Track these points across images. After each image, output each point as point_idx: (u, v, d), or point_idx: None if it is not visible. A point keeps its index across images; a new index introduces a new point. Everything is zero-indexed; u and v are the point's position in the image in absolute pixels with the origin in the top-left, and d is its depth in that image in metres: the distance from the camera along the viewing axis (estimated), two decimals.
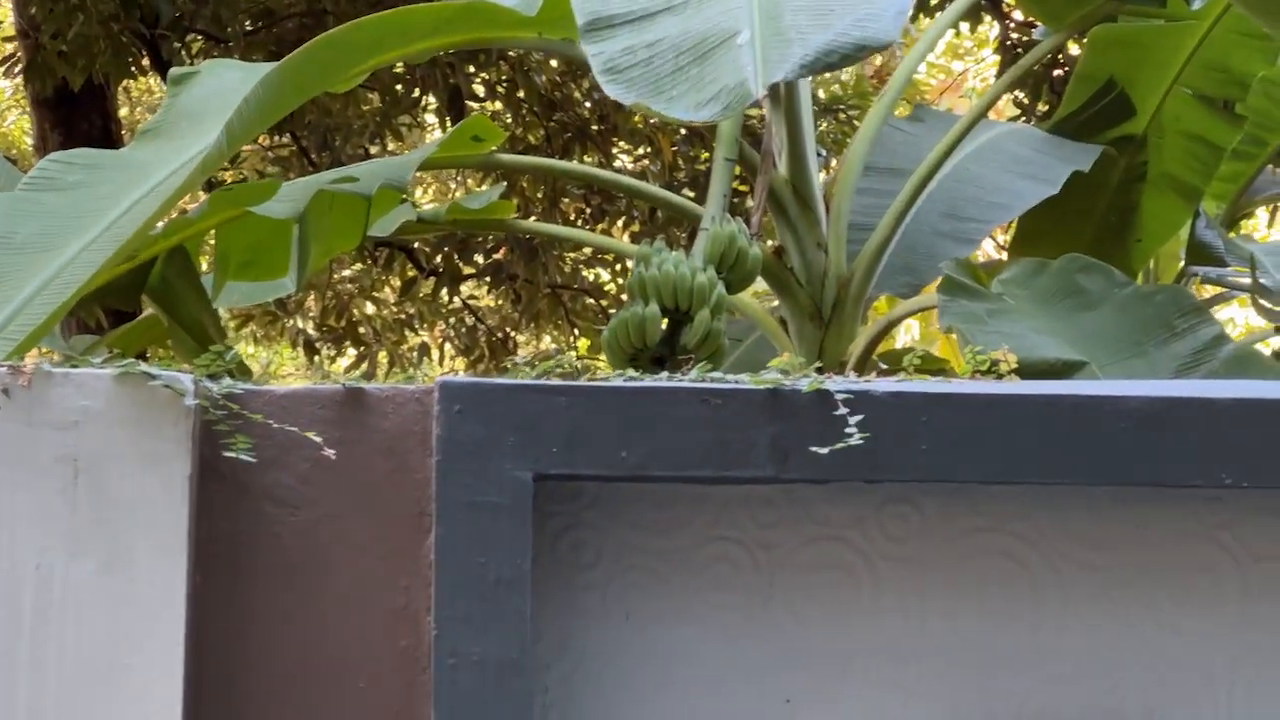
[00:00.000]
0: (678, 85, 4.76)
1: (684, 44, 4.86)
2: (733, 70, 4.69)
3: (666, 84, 4.78)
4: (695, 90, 4.72)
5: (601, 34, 4.97)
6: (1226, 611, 3.11)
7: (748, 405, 2.93)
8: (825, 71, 5.17)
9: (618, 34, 4.95)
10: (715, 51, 4.79)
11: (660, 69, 4.82)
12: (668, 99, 4.74)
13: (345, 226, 6.12)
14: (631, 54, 4.88)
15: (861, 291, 6.35)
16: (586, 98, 12.20)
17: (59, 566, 2.83)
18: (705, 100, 4.68)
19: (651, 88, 4.78)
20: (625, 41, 4.92)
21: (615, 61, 4.87)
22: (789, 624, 3.08)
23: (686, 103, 4.72)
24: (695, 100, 4.70)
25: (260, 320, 13.64)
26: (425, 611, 2.93)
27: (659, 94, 4.76)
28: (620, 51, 4.89)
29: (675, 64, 4.81)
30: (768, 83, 4.63)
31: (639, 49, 4.88)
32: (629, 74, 4.84)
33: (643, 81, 4.81)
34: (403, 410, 2.99)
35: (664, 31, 4.92)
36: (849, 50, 4.76)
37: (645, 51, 4.87)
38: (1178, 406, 2.98)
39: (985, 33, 14.37)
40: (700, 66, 4.78)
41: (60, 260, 4.36)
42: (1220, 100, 7.88)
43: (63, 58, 10.39)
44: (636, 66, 4.84)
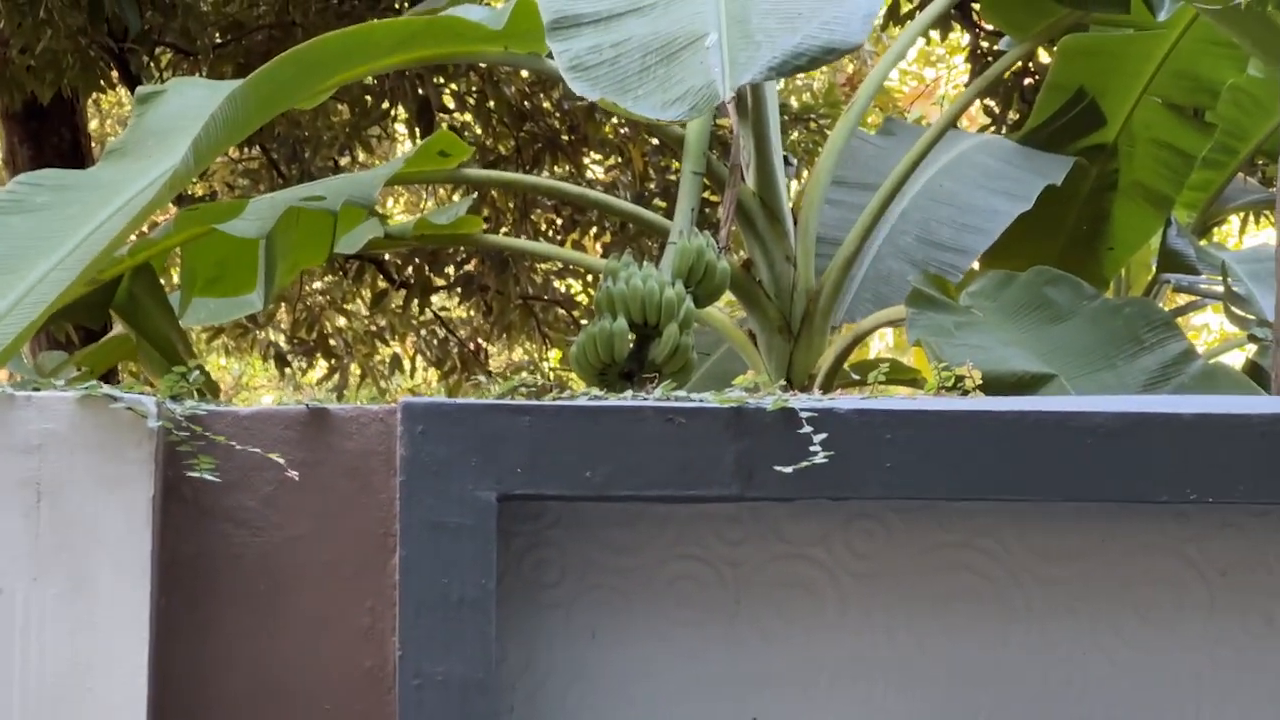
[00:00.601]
0: (644, 84, 4.76)
1: (651, 44, 4.86)
2: (700, 71, 4.69)
3: (633, 82, 4.78)
4: (662, 90, 4.72)
5: (567, 32, 4.97)
6: (1192, 626, 3.12)
7: (712, 424, 2.93)
8: (793, 74, 5.18)
9: (583, 33, 4.96)
10: (682, 53, 4.80)
11: (627, 68, 4.82)
12: (634, 97, 4.75)
13: (312, 242, 6.11)
14: (598, 52, 4.88)
15: (830, 305, 6.35)
16: (556, 108, 12.19)
17: (21, 591, 2.82)
18: (672, 100, 4.69)
19: (617, 85, 4.79)
20: (591, 40, 4.92)
21: (581, 59, 4.87)
22: (755, 641, 3.08)
23: (653, 101, 4.72)
24: (662, 99, 4.70)
25: (231, 333, 13.61)
26: (390, 632, 2.92)
27: (625, 91, 4.77)
28: (586, 50, 4.90)
29: (642, 63, 4.82)
30: (735, 84, 4.64)
31: (605, 48, 4.89)
32: (595, 71, 4.84)
33: (608, 79, 4.81)
34: (366, 430, 2.98)
35: (631, 32, 4.93)
36: (817, 53, 4.77)
37: (611, 50, 4.88)
38: (1143, 422, 2.98)
39: (957, 40, 14.39)
40: (667, 67, 4.78)
41: (28, 281, 4.35)
42: (1190, 108, 7.90)
43: (31, 72, 10.35)
44: (603, 65, 4.84)
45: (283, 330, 14.36)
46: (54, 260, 4.42)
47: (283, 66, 5.14)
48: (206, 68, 10.90)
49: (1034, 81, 11.45)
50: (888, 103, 15.78)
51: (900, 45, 7.33)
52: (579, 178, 12.40)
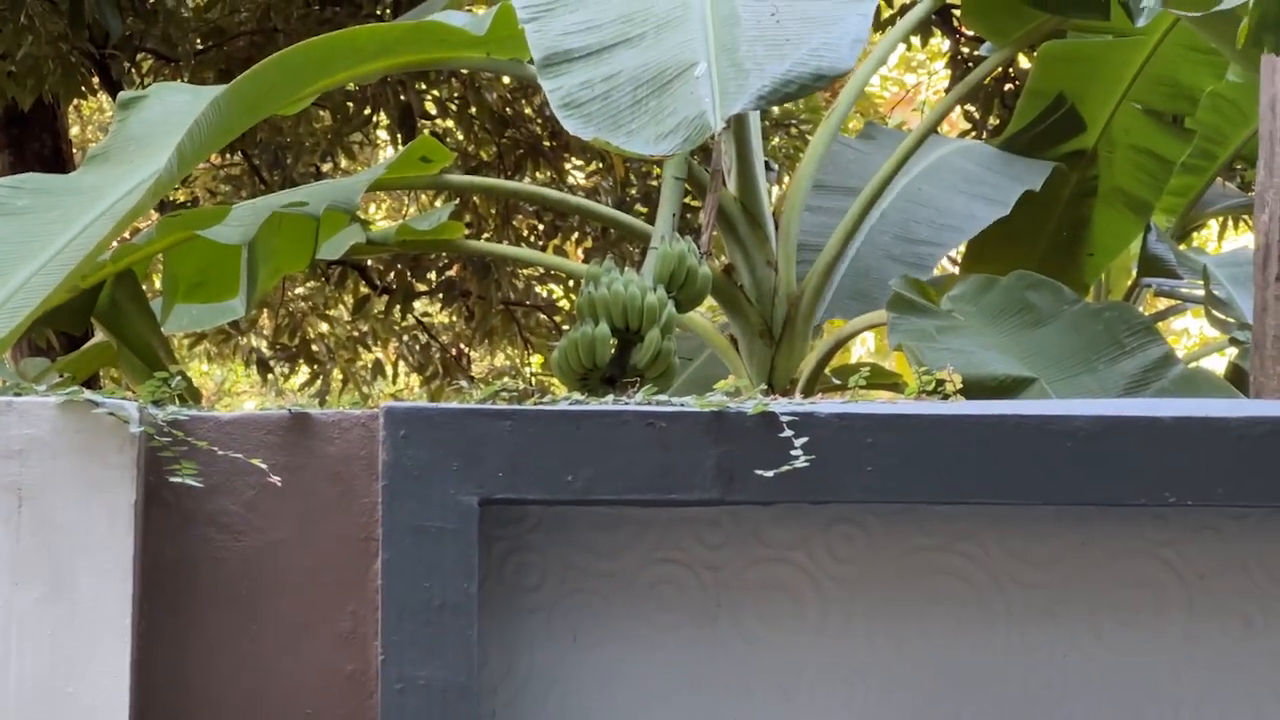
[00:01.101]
0: (637, 118, 4.75)
1: (642, 77, 4.86)
2: (691, 102, 4.69)
3: (625, 117, 4.77)
4: (654, 123, 4.72)
5: (559, 69, 4.96)
6: (1171, 628, 3.13)
7: (693, 428, 2.94)
8: (783, 102, 5.19)
9: (574, 68, 4.95)
10: (673, 84, 4.79)
11: (619, 102, 4.81)
12: (627, 132, 4.74)
13: (294, 248, 6.11)
14: (589, 88, 4.87)
15: (811, 309, 6.36)
16: (538, 114, 12.20)
17: (2, 595, 2.82)
18: (665, 133, 4.68)
19: (610, 121, 4.78)
20: (582, 76, 4.91)
21: (573, 96, 4.86)
22: (736, 644, 3.09)
23: (646, 135, 4.72)
24: (655, 133, 4.70)
25: (213, 339, 13.60)
26: (372, 636, 2.93)
27: (618, 128, 4.76)
28: (578, 86, 4.89)
29: (634, 97, 4.81)
30: (726, 114, 4.64)
31: (596, 83, 4.88)
32: (587, 108, 4.83)
33: (601, 116, 4.80)
34: (348, 435, 2.99)
35: (621, 65, 4.92)
36: (807, 80, 4.78)
37: (603, 85, 4.87)
38: (1121, 426, 3.00)
39: (937, 46, 14.41)
40: (659, 99, 4.78)
41: (9, 286, 4.35)
42: (1169, 115, 7.92)
43: (12, 78, 10.34)
44: (595, 101, 4.83)
45: (265, 336, 14.36)
46: (35, 265, 4.41)
47: (266, 72, 5.14)
48: (188, 74, 10.90)
49: (1014, 87, 11.49)
50: (868, 108, 15.81)
51: (881, 51, 7.33)
52: (560, 183, 12.40)
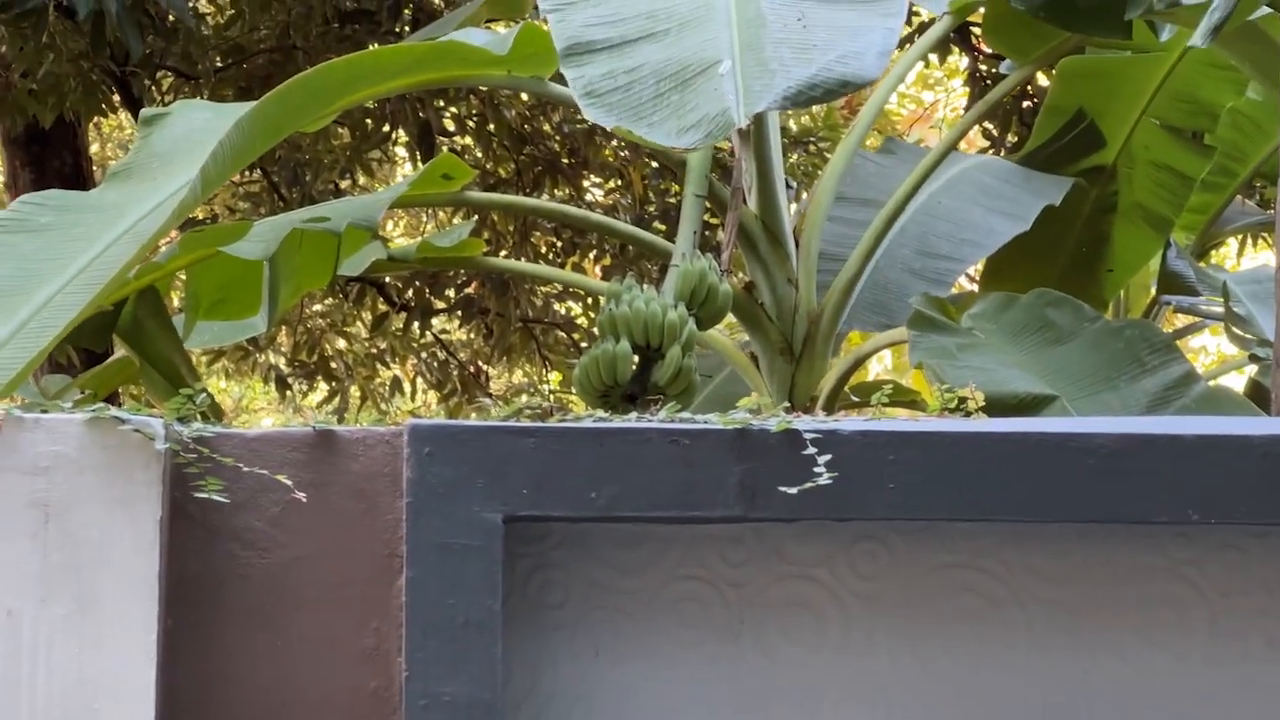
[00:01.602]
0: (659, 111, 4.76)
1: (665, 71, 4.87)
2: (714, 99, 4.70)
3: (647, 109, 4.78)
4: (676, 117, 4.73)
5: (581, 59, 4.97)
6: (1193, 647, 3.13)
7: (716, 445, 2.95)
8: (807, 105, 5.20)
9: (597, 59, 4.96)
10: (696, 80, 4.80)
11: (640, 95, 4.82)
12: (649, 124, 4.75)
13: (315, 265, 6.13)
14: (611, 79, 4.88)
15: (832, 326, 6.36)
16: (557, 131, 12.22)
17: (29, 612, 2.83)
18: (686, 127, 4.69)
19: (632, 112, 4.79)
20: (605, 66, 4.92)
21: (595, 86, 4.88)
22: (759, 662, 3.10)
23: (668, 128, 4.73)
24: (676, 126, 4.71)
25: (232, 355, 13.63)
26: (396, 653, 2.93)
27: (640, 119, 4.77)
28: (600, 76, 4.90)
29: (656, 90, 4.82)
30: (750, 112, 4.64)
31: (619, 74, 4.89)
32: (609, 98, 4.84)
33: (623, 106, 4.81)
34: (373, 452, 3.00)
35: (645, 58, 4.93)
36: (833, 85, 4.78)
37: (625, 77, 4.88)
38: (1144, 443, 3.00)
39: (955, 63, 14.42)
40: (681, 94, 4.78)
41: (33, 304, 4.35)
42: (1189, 131, 7.92)
43: (33, 96, 10.38)
44: (616, 91, 4.85)
45: (283, 353, 14.38)
46: (59, 283, 4.42)
47: (290, 92, 5.15)
48: (208, 91, 10.92)
49: (1032, 104, 11.48)
50: (886, 126, 15.80)
51: (900, 68, 7.34)
52: (579, 201, 12.42)
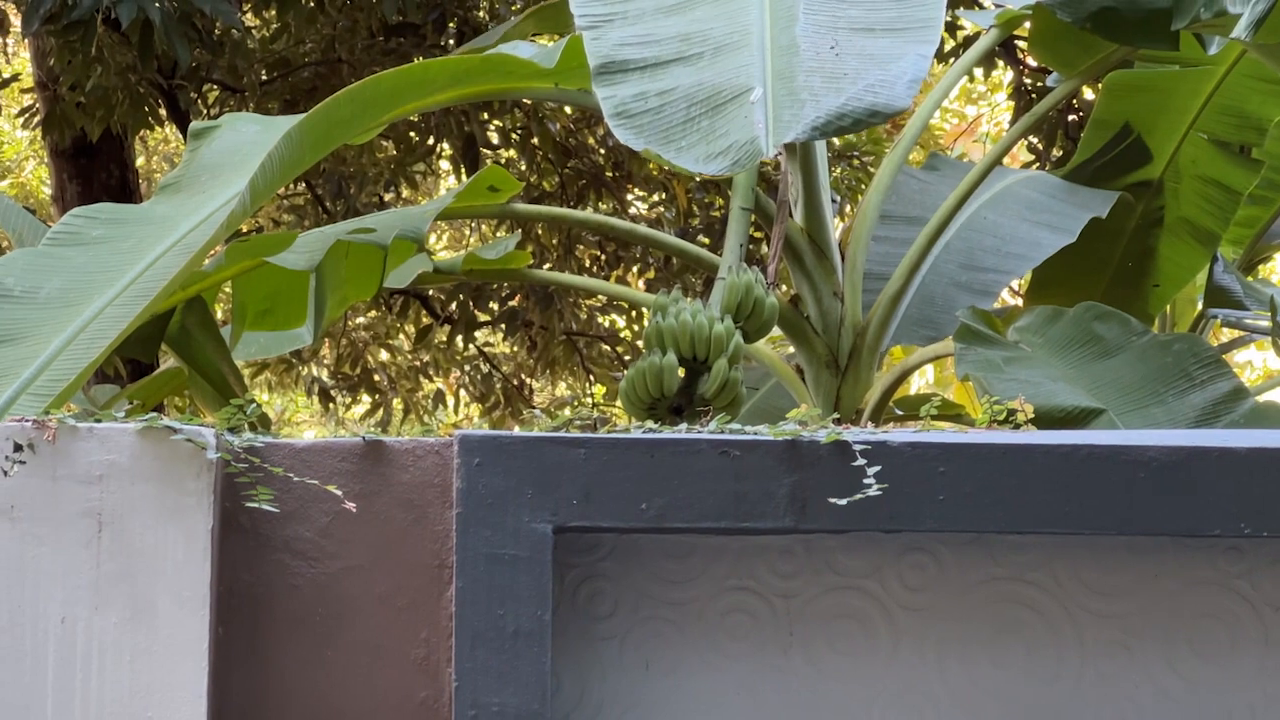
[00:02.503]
0: (688, 135, 4.77)
1: (696, 95, 4.87)
2: (744, 126, 4.69)
3: (677, 133, 4.79)
4: (706, 142, 4.73)
5: (614, 78, 4.98)
6: (1246, 661, 3.12)
7: (766, 456, 2.95)
8: (837, 135, 5.18)
9: (629, 79, 4.97)
10: (727, 105, 4.80)
11: (671, 118, 4.83)
12: (677, 148, 4.75)
13: (361, 276, 6.14)
14: (643, 100, 4.89)
15: (878, 340, 6.36)
16: (601, 144, 12.23)
17: (83, 620, 2.85)
18: (715, 153, 4.69)
19: (662, 135, 4.80)
20: (637, 87, 4.93)
21: (626, 106, 4.89)
22: (808, 673, 3.10)
23: (696, 154, 4.73)
24: (705, 152, 4.71)
25: (275, 368, 13.67)
26: (445, 663, 2.94)
27: (669, 142, 4.78)
28: (632, 96, 4.91)
29: (687, 114, 4.82)
30: (779, 142, 4.64)
31: (651, 96, 4.90)
32: (639, 120, 4.85)
33: (653, 129, 4.82)
34: (422, 463, 3.00)
35: (676, 81, 4.94)
36: (861, 115, 4.76)
37: (657, 99, 4.89)
38: (1196, 456, 2.99)
39: (999, 77, 14.40)
40: (712, 119, 4.79)
41: (85, 315, 4.39)
42: (1237, 145, 7.88)
43: (81, 109, 10.45)
44: (647, 114, 4.85)
45: (326, 365, 14.42)
46: (110, 295, 4.45)
47: (338, 105, 5.17)
48: (253, 104, 10.97)
49: (1078, 119, 11.47)
50: (929, 140, 15.79)
51: (946, 82, 7.32)
52: (623, 213, 12.43)
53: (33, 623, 2.84)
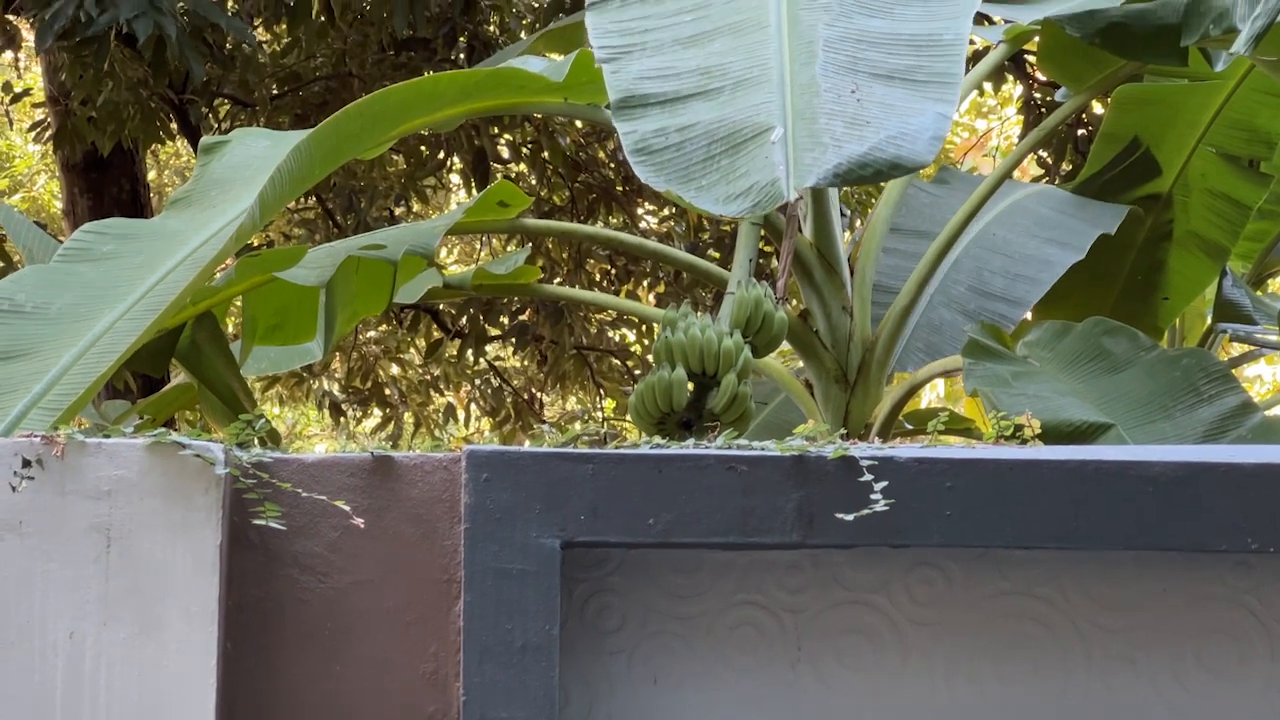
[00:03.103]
0: (708, 175, 4.75)
1: (717, 133, 4.84)
2: (765, 167, 4.67)
3: (697, 171, 4.77)
4: (725, 182, 4.71)
5: (635, 112, 4.97)
6: (1253, 676, 3.12)
7: (774, 472, 2.95)
8: (857, 184, 5.17)
9: (649, 114, 4.95)
10: (748, 145, 4.78)
11: (692, 155, 4.81)
12: (697, 188, 4.74)
13: (371, 291, 6.15)
14: (664, 136, 4.88)
15: (886, 354, 6.36)
16: (611, 159, 12.24)
17: (91, 635, 2.85)
18: (735, 194, 4.67)
19: (682, 174, 4.78)
20: (658, 123, 4.91)
21: (647, 142, 4.87)
22: (816, 688, 3.10)
23: (716, 194, 4.71)
24: (725, 193, 4.69)
25: (286, 382, 13.69)
26: (454, 678, 2.94)
27: (689, 181, 4.76)
28: (653, 132, 4.89)
29: (707, 152, 4.80)
30: (800, 185, 4.61)
31: (671, 132, 4.88)
32: (660, 156, 4.83)
33: (673, 167, 4.80)
34: (430, 478, 3.01)
35: (697, 117, 4.91)
36: (884, 166, 4.72)
37: (677, 135, 4.87)
38: (1204, 471, 2.99)
39: (1009, 91, 14.40)
40: (732, 158, 4.77)
41: (95, 330, 4.40)
42: (1246, 159, 7.88)
43: (92, 123, 10.47)
44: (668, 150, 4.84)
45: (337, 379, 14.43)
46: (121, 309, 4.47)
47: (348, 119, 5.18)
48: (264, 118, 10.99)
49: (1087, 132, 11.46)
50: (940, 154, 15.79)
51: None
52: (633, 228, 12.44)
53: (41, 638, 2.85)
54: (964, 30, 5.13)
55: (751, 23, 5.20)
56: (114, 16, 8.73)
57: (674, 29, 5.26)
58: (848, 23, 5.17)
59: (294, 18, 10.46)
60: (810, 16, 5.17)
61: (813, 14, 5.19)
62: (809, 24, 5.14)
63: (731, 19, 5.24)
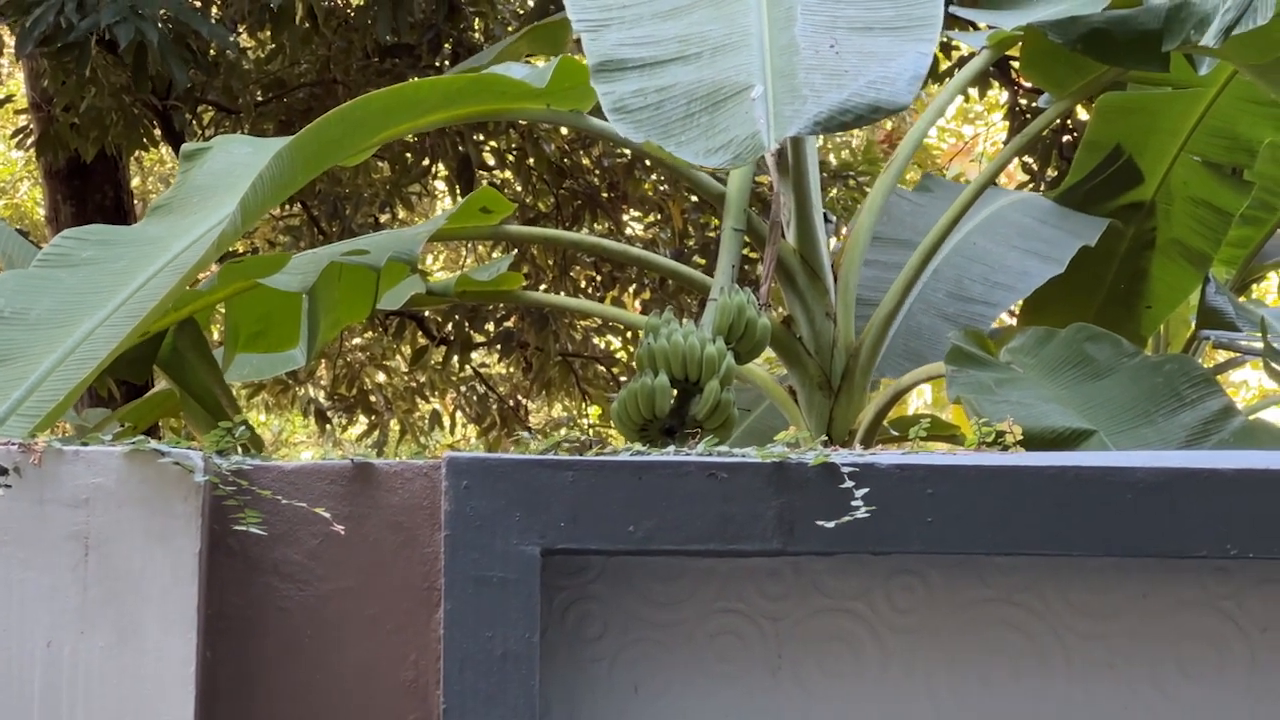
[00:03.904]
0: (688, 130, 4.77)
1: (696, 92, 4.87)
2: (745, 121, 4.70)
3: (677, 128, 4.79)
4: (705, 137, 4.73)
5: (612, 75, 4.99)
6: (1233, 682, 3.12)
7: (754, 479, 2.95)
8: (838, 130, 5.18)
9: (628, 76, 4.97)
10: (728, 102, 4.80)
11: (671, 113, 4.83)
12: (677, 142, 4.76)
13: (354, 298, 6.14)
14: (642, 96, 4.90)
15: (870, 361, 6.35)
16: (596, 165, 12.24)
17: (69, 644, 2.85)
18: (715, 148, 4.69)
19: (661, 129, 4.81)
20: (636, 84, 4.94)
21: (625, 102, 4.89)
22: (797, 695, 3.10)
23: (696, 147, 4.73)
24: (706, 146, 4.72)
25: (271, 389, 13.67)
26: (434, 685, 2.94)
27: (669, 136, 4.78)
28: (631, 93, 4.91)
29: (686, 110, 4.83)
30: (780, 136, 4.64)
31: (649, 92, 4.90)
32: (638, 115, 4.85)
33: (652, 123, 4.83)
34: (411, 485, 3.01)
35: (675, 78, 4.94)
36: (863, 111, 4.77)
37: (656, 95, 4.89)
38: (1183, 477, 2.99)
39: (995, 97, 14.42)
40: (711, 115, 4.79)
41: (75, 337, 4.39)
42: (1228, 166, 7.90)
43: (75, 130, 10.46)
44: (647, 109, 4.86)
45: (323, 386, 14.42)
46: (100, 316, 4.45)
47: (329, 125, 5.18)
48: (248, 125, 10.98)
49: (1072, 139, 11.48)
50: (926, 160, 15.82)
51: (939, 103, 7.32)
52: (618, 234, 12.44)
53: (19, 646, 2.84)
54: None
55: None
56: (95, 22, 8.72)
57: (652, 3, 5.29)
58: None
59: (278, 24, 10.46)
60: None
61: None
62: None
63: None
